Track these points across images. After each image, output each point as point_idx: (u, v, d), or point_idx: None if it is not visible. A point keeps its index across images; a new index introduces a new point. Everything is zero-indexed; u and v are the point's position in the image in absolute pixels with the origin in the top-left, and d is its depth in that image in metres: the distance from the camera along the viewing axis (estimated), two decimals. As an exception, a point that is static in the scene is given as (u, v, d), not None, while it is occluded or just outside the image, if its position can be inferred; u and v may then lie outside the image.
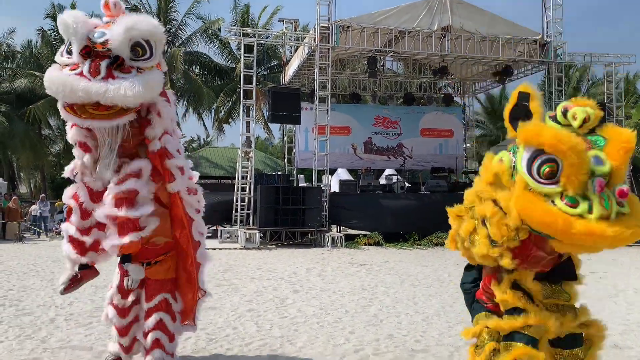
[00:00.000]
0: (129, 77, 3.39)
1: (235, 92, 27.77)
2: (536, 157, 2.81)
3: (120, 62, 3.41)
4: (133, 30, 3.44)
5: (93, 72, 3.34)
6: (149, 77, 3.50)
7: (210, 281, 8.57)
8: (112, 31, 3.42)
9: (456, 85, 24.40)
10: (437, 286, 8.35)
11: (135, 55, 3.48)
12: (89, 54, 3.38)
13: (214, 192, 19.88)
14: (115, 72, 3.38)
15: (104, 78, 3.33)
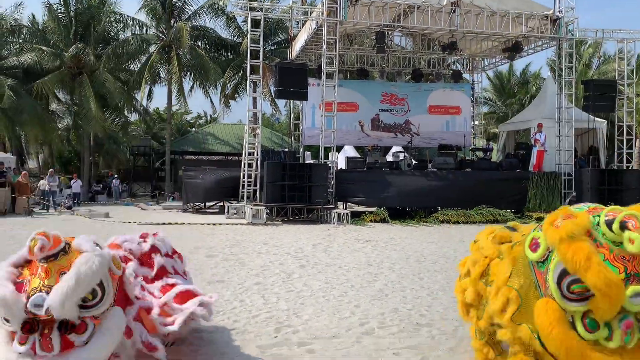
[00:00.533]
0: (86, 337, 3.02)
1: (241, 67, 27.59)
2: (568, 274, 2.69)
3: (70, 325, 3.01)
4: (77, 293, 2.95)
5: (46, 348, 2.98)
6: (109, 329, 3.11)
7: (217, 255, 8.68)
8: (50, 299, 2.92)
9: (465, 62, 24.12)
10: (443, 262, 8.39)
11: (85, 302, 3.01)
12: (32, 330, 2.99)
13: (220, 169, 19.95)
14: (70, 337, 3.01)
15: (60, 352, 2.98)
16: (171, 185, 28.19)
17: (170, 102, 29.42)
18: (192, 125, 45.16)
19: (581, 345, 2.64)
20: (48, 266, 3.08)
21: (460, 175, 17.11)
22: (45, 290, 2.98)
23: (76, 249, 3.18)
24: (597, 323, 2.65)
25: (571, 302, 2.68)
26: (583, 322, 2.66)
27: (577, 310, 2.68)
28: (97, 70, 25.91)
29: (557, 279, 2.73)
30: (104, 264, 3.10)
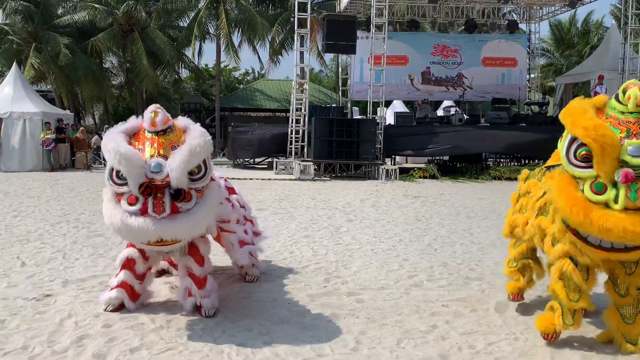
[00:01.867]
0: (191, 207, 3.39)
1: (289, 22, 27.26)
2: (574, 140, 2.96)
3: (182, 195, 3.36)
4: (191, 163, 3.37)
5: (158, 209, 3.32)
6: (209, 201, 3.52)
7: (267, 209, 8.85)
8: (171, 166, 3.31)
9: (521, 11, 22.90)
10: (494, 218, 8.25)
11: (191, 175, 3.41)
12: (150, 193, 3.32)
13: (268, 125, 20.08)
14: (178, 204, 3.37)
15: (169, 215, 3.33)
16: (221, 141, 28.66)
17: (219, 59, 29.53)
18: (240, 82, 45.36)
19: (586, 204, 2.84)
20: (159, 139, 3.45)
21: (514, 129, 16.55)
22: (162, 158, 3.37)
23: (181, 127, 3.58)
24: (604, 185, 2.83)
25: (578, 169, 2.92)
26: (590, 187, 2.86)
27: (585, 175, 2.90)
28: (148, 27, 26.23)
29: (566, 148, 2.99)
30: (210, 143, 3.50)
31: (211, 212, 3.59)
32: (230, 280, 4.65)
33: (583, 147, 2.89)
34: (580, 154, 2.89)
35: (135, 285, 3.84)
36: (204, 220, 3.49)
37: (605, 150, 2.78)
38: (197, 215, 3.41)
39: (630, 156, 2.79)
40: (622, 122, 2.91)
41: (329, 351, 3.24)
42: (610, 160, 2.80)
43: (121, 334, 3.42)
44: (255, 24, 26.86)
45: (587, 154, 2.88)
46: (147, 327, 3.55)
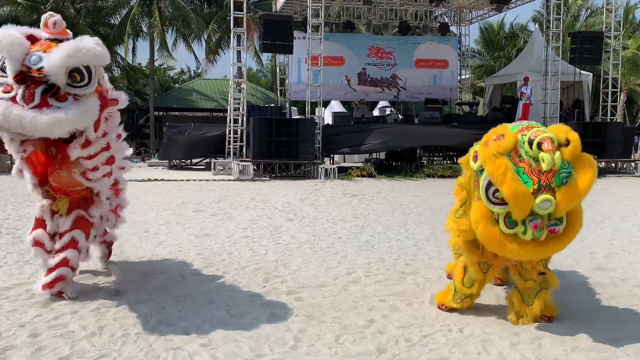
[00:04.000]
0: (63, 106, 3.37)
1: (225, 20, 26.92)
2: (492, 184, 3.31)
3: (55, 90, 3.36)
4: (71, 59, 3.36)
5: (27, 99, 3.30)
6: (82, 106, 3.46)
7: (205, 210, 8.71)
8: (50, 58, 3.33)
9: (452, 14, 23.74)
10: (428, 214, 8.51)
11: (73, 81, 3.42)
12: (23, 80, 3.31)
13: (205, 125, 19.74)
14: (50, 100, 3.34)
15: (37, 106, 3.29)
16: (156, 142, 27.88)
17: (153, 57, 28.74)
18: (175, 81, 44.34)
19: (501, 237, 3.34)
20: (52, 44, 3.47)
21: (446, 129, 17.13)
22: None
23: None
24: (515, 222, 3.30)
25: (495, 205, 3.33)
26: (504, 221, 3.32)
27: (500, 211, 3.33)
28: (77, 25, 25.12)
29: (485, 188, 3.35)
30: (98, 54, 3.49)
31: (81, 117, 3.47)
32: (166, 282, 4.55)
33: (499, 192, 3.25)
34: (498, 196, 3.27)
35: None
36: (69, 120, 3.39)
37: (523, 210, 3.22)
38: (64, 113, 3.36)
39: (540, 209, 3.21)
40: (534, 171, 3.25)
41: (268, 351, 3.24)
42: (524, 213, 3.24)
43: (49, 343, 3.27)
44: (189, 21, 26.34)
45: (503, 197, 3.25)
46: (78, 334, 3.41)
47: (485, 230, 3.36)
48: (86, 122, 3.55)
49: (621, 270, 5.16)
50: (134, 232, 6.75)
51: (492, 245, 3.41)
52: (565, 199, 3.21)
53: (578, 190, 3.22)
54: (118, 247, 5.87)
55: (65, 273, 4.02)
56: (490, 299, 4.19)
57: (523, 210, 3.23)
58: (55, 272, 3.97)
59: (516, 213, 3.25)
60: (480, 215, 3.40)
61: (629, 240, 6.56)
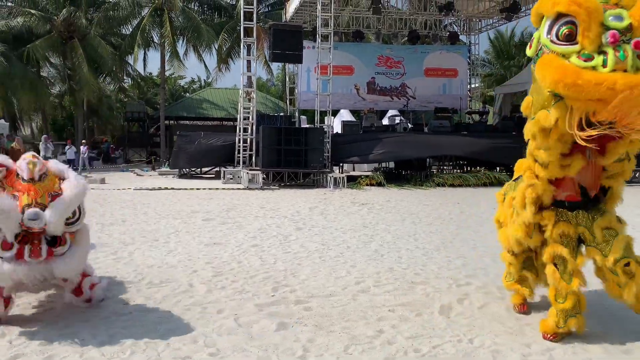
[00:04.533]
0: (65, 251, 3.56)
1: (235, 30, 27.11)
2: (555, 21, 2.97)
3: (57, 240, 3.53)
4: (68, 213, 3.54)
5: (35, 255, 3.45)
6: (82, 245, 3.72)
7: (214, 219, 8.73)
8: (50, 218, 3.42)
9: (462, 23, 23.77)
10: (438, 224, 8.47)
11: (67, 221, 3.58)
12: (26, 241, 3.43)
13: (215, 134, 19.84)
14: (53, 249, 3.53)
15: (45, 259, 3.48)
16: (166, 150, 28.05)
17: (164, 67, 29.00)
18: (186, 91, 44.69)
19: (576, 68, 2.80)
20: (36, 186, 3.52)
21: (455, 137, 17.09)
22: (39, 207, 3.42)
23: (55, 172, 3.70)
24: (592, 55, 2.81)
25: (564, 46, 2.91)
26: (579, 57, 2.83)
27: (570, 50, 2.88)
28: (89, 35, 25.44)
29: (546, 32, 3.00)
30: (85, 190, 3.72)
31: (84, 255, 3.80)
32: (175, 291, 4.56)
33: (565, 25, 2.92)
34: (562, 32, 2.91)
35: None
36: (77, 264, 3.67)
37: (592, 14, 2.80)
38: (71, 260, 3.59)
39: (612, 21, 2.82)
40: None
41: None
42: (596, 26, 2.80)
43: (59, 351, 3.29)
44: (200, 32, 26.56)
45: (570, 31, 2.90)
46: (87, 342, 3.42)
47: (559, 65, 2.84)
48: (88, 249, 3.91)
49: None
50: (144, 241, 6.78)
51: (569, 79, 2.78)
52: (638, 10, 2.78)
53: None
54: (128, 255, 5.91)
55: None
56: (500, 310, 4.16)
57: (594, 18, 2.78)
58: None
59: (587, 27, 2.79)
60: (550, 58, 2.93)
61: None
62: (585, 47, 2.85)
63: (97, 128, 33.62)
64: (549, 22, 3.01)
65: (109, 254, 5.96)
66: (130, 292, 4.53)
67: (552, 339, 3.52)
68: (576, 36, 2.88)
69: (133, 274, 5.11)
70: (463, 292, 4.62)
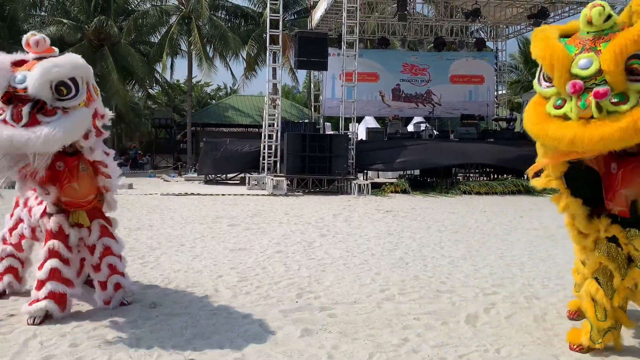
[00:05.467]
0: (52, 120, 3.43)
1: (262, 38, 27.39)
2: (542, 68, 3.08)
3: (41, 106, 3.42)
4: (51, 74, 3.43)
5: (16, 118, 3.38)
6: (72, 119, 3.52)
7: (239, 224, 8.79)
8: (31, 73, 3.41)
9: (489, 29, 23.56)
10: (464, 232, 8.38)
11: (60, 94, 3.50)
12: (10, 100, 3.39)
13: (241, 140, 20.02)
14: (39, 116, 3.41)
15: (27, 124, 3.36)
16: (193, 157, 28.43)
17: (191, 74, 29.44)
18: (212, 98, 45.26)
19: (546, 117, 2.97)
20: (36, 62, 3.51)
21: (482, 144, 16.89)
22: None
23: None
24: (564, 100, 2.92)
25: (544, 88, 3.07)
26: (553, 103, 2.98)
27: (549, 92, 3.03)
28: (119, 43, 25.99)
29: (537, 73, 3.17)
30: (80, 66, 3.62)
31: (72, 129, 3.52)
32: (201, 296, 4.60)
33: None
34: (545, 74, 3.05)
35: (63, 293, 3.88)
36: (60, 134, 3.42)
37: (554, 65, 2.90)
38: (52, 128, 3.39)
39: (579, 69, 2.85)
40: (582, 41, 2.96)
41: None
42: (562, 74, 2.88)
43: (88, 353, 3.34)
44: (227, 39, 26.92)
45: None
46: (115, 345, 3.47)
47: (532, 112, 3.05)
48: (74, 135, 3.61)
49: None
50: (170, 246, 6.87)
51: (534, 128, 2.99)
52: (607, 52, 2.76)
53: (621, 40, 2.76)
54: (155, 260, 5.99)
55: (120, 281, 4.20)
56: (528, 320, 4.09)
57: (558, 67, 2.88)
58: (109, 284, 4.14)
59: (555, 75, 2.91)
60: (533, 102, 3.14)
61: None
62: (560, 90, 2.94)
63: (125, 134, 34.25)
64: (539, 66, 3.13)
65: (136, 258, 6.05)
66: (157, 296, 4.59)
67: (579, 350, 3.43)
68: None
69: (160, 279, 5.18)
70: (490, 301, 4.56)
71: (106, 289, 4.13)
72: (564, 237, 5.96)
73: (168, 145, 31.36)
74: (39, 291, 3.84)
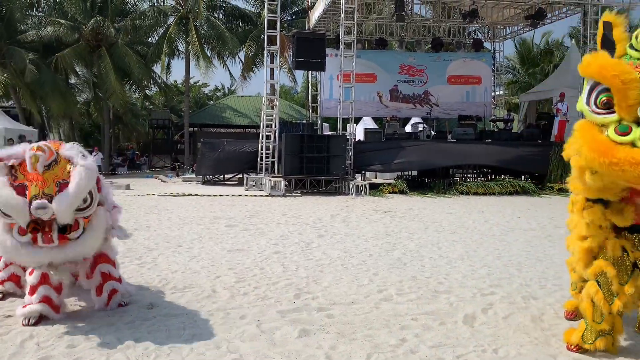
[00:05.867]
0: (79, 234, 3.64)
1: (260, 38, 27.42)
2: (594, 87, 2.86)
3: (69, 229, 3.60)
4: (76, 203, 3.54)
5: (47, 241, 3.55)
6: (96, 227, 3.77)
7: (237, 225, 8.78)
8: (57, 208, 3.44)
9: (486, 30, 23.60)
10: (462, 232, 8.38)
11: (79, 208, 3.59)
12: (37, 229, 3.50)
13: (239, 141, 20.03)
14: (66, 234, 3.60)
15: (58, 245, 3.57)
16: (190, 157, 28.43)
17: (188, 74, 29.46)
18: (210, 98, 45.25)
19: (611, 144, 2.69)
20: (44, 176, 3.53)
21: (480, 145, 16.91)
22: (46, 199, 3.45)
23: (65, 157, 3.65)
24: (629, 127, 2.71)
25: (600, 115, 2.83)
26: (615, 130, 2.74)
27: (608, 120, 2.79)
28: (116, 44, 25.96)
29: (586, 99, 2.92)
30: (94, 175, 3.68)
31: (98, 237, 3.84)
32: (199, 297, 4.59)
33: (603, 93, 2.82)
34: (601, 100, 2.82)
35: (54, 298, 3.93)
36: (90, 246, 3.77)
37: (626, 85, 2.70)
38: (85, 243, 3.69)
39: None
40: (638, 66, 2.81)
41: (299, 367, 3.23)
42: (631, 97, 2.70)
43: (86, 354, 3.34)
44: (224, 40, 26.92)
45: (608, 99, 2.80)
46: (113, 346, 3.47)
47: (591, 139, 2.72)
48: (100, 240, 3.91)
49: None
50: (167, 246, 6.86)
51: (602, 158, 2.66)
52: None
53: None
54: (152, 261, 5.98)
55: (115, 286, 4.19)
56: (525, 320, 4.09)
57: (626, 91, 2.67)
58: (105, 291, 4.15)
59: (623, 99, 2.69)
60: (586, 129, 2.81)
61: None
62: (623, 117, 2.74)
63: (123, 135, 34.22)
64: (589, 87, 2.92)
65: (134, 259, 6.05)
66: (154, 297, 4.58)
67: (576, 351, 3.44)
68: (614, 105, 2.77)
69: (157, 279, 5.17)
70: (487, 301, 4.56)
71: (102, 294, 4.12)
72: (561, 237, 5.96)
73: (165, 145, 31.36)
74: (32, 296, 3.87)
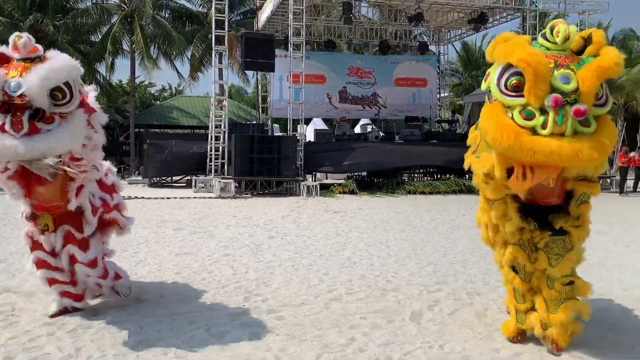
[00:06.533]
0: (52, 128, 3.39)
1: (207, 38, 27.01)
2: (505, 70, 3.00)
3: (42, 115, 3.38)
4: (49, 80, 3.36)
5: (16, 127, 3.31)
6: (72, 125, 3.50)
7: (185, 228, 8.63)
8: (28, 82, 3.30)
9: (431, 33, 24.18)
10: (409, 231, 8.56)
11: (56, 100, 3.42)
12: (8, 110, 3.31)
13: (187, 142, 19.68)
14: (38, 124, 3.36)
15: (27, 133, 3.31)
16: (136, 159, 27.68)
17: (134, 74, 28.68)
18: (156, 99, 44.22)
19: (515, 128, 2.86)
20: (26, 65, 3.42)
21: (427, 146, 17.32)
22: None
23: (51, 57, 3.54)
24: (533, 112, 2.88)
25: (510, 97, 2.95)
26: (520, 114, 2.90)
27: (515, 103, 2.93)
28: (56, 42, 24.95)
29: (497, 79, 3.03)
30: (74, 68, 3.54)
31: (74, 135, 3.52)
32: (145, 302, 4.49)
33: (515, 76, 2.94)
34: (511, 83, 2.94)
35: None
36: (63, 141, 3.44)
37: (539, 74, 2.83)
38: (57, 135, 3.40)
39: (560, 83, 2.87)
40: (549, 56, 2.98)
41: (249, 370, 3.21)
42: (542, 85, 2.85)
43: (24, 366, 3.20)
44: (171, 39, 26.37)
45: (518, 82, 2.93)
46: (54, 356, 3.33)
47: (500, 122, 2.89)
48: (78, 140, 3.58)
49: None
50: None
51: (506, 141, 2.84)
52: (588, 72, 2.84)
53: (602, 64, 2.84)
54: (96, 267, 5.78)
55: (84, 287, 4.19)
56: (470, 315, 4.22)
57: (541, 78, 2.82)
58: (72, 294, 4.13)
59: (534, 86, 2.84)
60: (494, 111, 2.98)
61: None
62: (529, 102, 2.90)
63: (65, 136, 32.93)
64: (501, 68, 3.05)
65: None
66: (99, 303, 4.44)
67: (519, 341, 3.61)
68: (523, 89, 2.92)
69: (101, 286, 5.00)
70: (434, 298, 4.68)
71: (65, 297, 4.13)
72: (503, 234, 6.19)
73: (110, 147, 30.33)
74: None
